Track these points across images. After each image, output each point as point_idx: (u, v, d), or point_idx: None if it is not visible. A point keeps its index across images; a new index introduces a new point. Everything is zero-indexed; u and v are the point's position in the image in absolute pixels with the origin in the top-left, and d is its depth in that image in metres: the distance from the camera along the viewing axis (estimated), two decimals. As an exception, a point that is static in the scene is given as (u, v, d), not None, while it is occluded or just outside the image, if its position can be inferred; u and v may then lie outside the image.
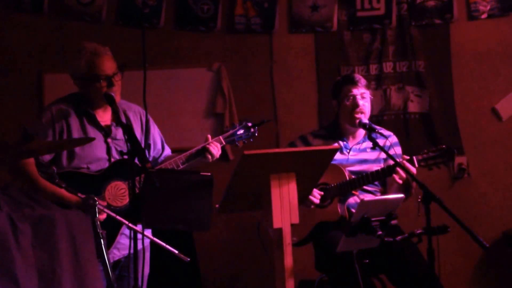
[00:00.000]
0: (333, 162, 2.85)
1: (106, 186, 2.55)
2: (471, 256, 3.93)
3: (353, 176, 2.90)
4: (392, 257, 2.75)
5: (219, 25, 4.03)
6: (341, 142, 3.00)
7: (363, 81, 2.98)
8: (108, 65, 2.58)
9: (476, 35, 4.02)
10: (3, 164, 2.51)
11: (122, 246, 2.59)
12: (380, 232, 2.28)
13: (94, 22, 3.96)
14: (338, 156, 2.91)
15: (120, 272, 2.63)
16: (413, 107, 4.03)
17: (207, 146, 2.66)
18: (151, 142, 2.76)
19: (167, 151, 2.83)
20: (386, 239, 2.29)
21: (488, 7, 3.98)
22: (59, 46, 3.92)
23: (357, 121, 2.90)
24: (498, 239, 3.89)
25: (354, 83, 2.94)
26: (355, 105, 2.92)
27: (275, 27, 4.04)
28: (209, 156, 2.67)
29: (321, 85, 4.07)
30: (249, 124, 2.79)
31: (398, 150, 2.98)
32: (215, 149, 2.67)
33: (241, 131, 2.77)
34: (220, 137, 2.74)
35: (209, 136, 2.72)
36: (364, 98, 2.94)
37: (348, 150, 2.99)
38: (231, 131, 2.76)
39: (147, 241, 2.53)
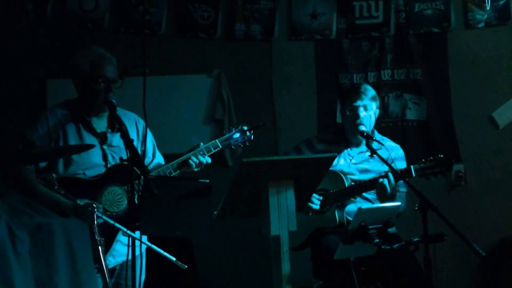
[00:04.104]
0: (334, 169, 2.87)
1: (103, 191, 2.56)
2: (468, 264, 3.93)
3: (352, 184, 2.91)
4: (389, 265, 2.76)
5: (219, 32, 4.05)
6: (344, 149, 3.01)
7: (369, 93, 2.96)
8: (111, 70, 2.61)
9: (473, 44, 4.04)
10: (3, 171, 2.52)
11: (117, 253, 2.59)
12: (377, 240, 2.30)
13: (96, 28, 3.98)
14: (340, 162, 2.93)
15: (115, 280, 2.63)
16: (410, 114, 4.05)
17: (190, 156, 2.66)
18: (144, 148, 2.77)
19: (158, 159, 2.83)
20: (383, 246, 2.31)
21: (485, 16, 4.01)
22: (62, 53, 3.92)
23: (357, 134, 2.91)
24: (496, 246, 3.90)
25: (359, 94, 2.93)
26: (356, 116, 2.92)
27: (274, 35, 4.06)
28: (193, 165, 2.65)
29: (320, 92, 4.09)
30: (245, 128, 2.82)
31: (400, 165, 2.94)
32: (197, 162, 2.65)
33: (237, 135, 2.80)
34: (217, 140, 2.76)
35: (201, 144, 2.72)
36: (366, 110, 2.94)
37: (351, 158, 3.00)
38: (227, 135, 2.79)
39: (142, 248, 2.54)
